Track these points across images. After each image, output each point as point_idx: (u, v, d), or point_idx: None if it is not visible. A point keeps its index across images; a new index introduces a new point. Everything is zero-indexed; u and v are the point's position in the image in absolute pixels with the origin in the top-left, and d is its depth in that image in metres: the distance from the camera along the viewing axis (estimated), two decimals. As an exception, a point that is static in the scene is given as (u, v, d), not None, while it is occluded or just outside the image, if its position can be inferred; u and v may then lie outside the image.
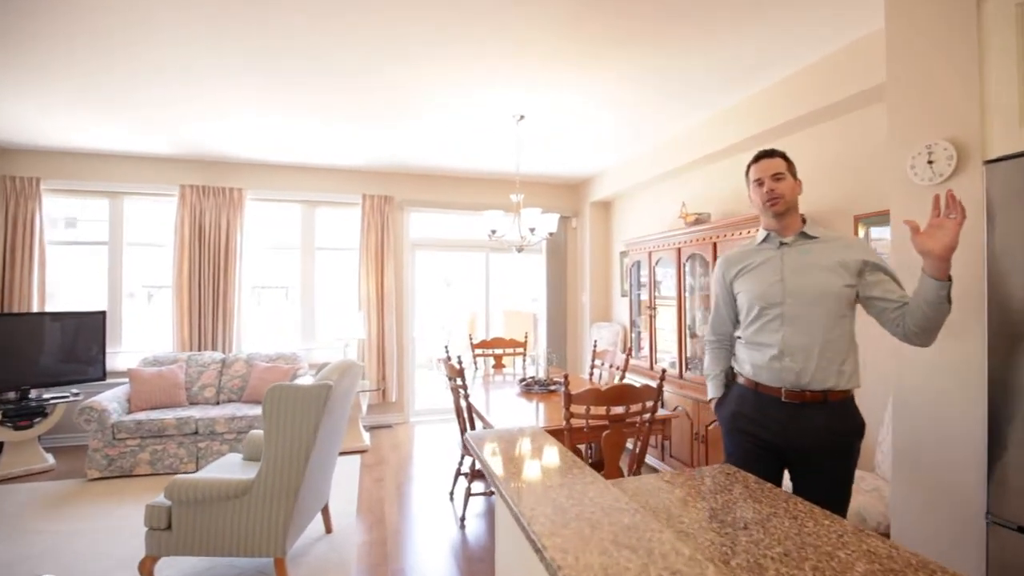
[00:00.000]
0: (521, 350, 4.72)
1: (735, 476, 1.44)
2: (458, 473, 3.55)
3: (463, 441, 3.30)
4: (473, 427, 3.15)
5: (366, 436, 4.77)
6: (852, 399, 1.72)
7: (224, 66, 3.01)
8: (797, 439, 1.69)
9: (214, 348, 4.99)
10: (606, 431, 2.37)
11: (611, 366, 3.78)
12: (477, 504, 3.46)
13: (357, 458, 4.41)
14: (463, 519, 3.19)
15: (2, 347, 4.14)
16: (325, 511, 3.00)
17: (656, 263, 4.34)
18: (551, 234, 3.81)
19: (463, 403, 3.18)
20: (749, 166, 1.86)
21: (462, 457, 3.52)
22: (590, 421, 2.39)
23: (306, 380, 4.60)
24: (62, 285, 5.03)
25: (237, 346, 5.05)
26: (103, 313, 4.56)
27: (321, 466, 2.63)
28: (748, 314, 1.84)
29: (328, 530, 3.02)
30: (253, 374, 4.60)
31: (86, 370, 4.49)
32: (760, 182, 1.80)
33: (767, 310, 1.77)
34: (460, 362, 3.04)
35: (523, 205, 3.81)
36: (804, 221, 1.81)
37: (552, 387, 3.41)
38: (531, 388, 3.42)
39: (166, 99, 3.52)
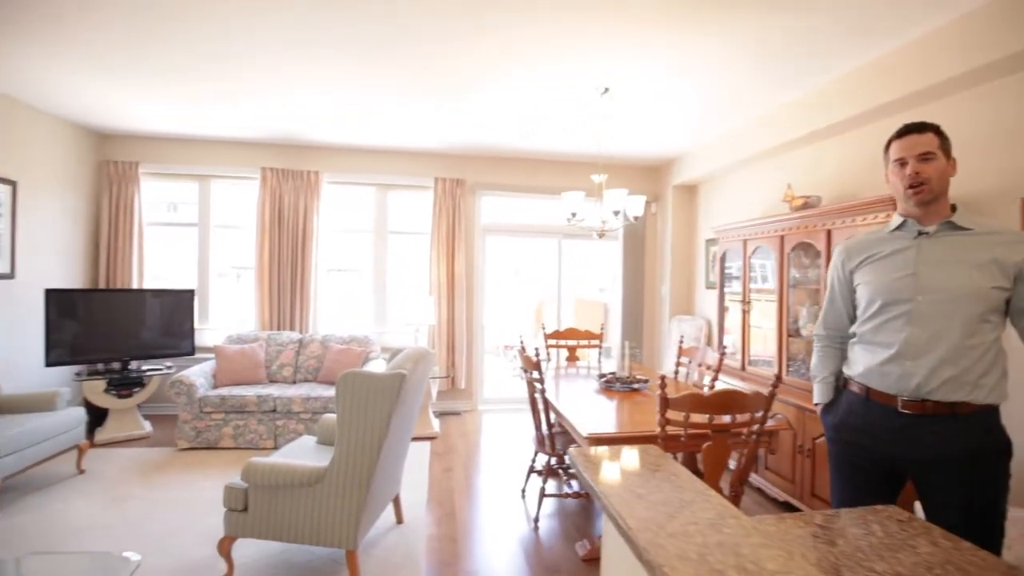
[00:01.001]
0: (596, 342, 4.45)
1: (913, 526, 1.12)
2: (531, 470, 3.37)
3: (538, 438, 3.11)
4: (549, 424, 2.94)
5: (435, 423, 4.72)
6: (994, 412, 1.44)
7: (298, 38, 2.93)
8: (916, 451, 1.46)
9: (292, 328, 5.11)
10: (707, 443, 2.08)
11: (700, 365, 3.44)
12: (549, 503, 3.26)
13: (427, 445, 4.35)
14: (537, 520, 3.01)
15: (110, 321, 4.43)
16: (396, 501, 2.92)
17: (752, 252, 3.90)
18: (636, 218, 3.50)
19: (539, 398, 2.97)
20: (890, 142, 1.57)
21: (536, 454, 3.33)
22: (688, 430, 2.10)
23: (378, 364, 4.59)
24: (159, 264, 5.33)
25: (313, 327, 5.15)
26: (192, 291, 4.78)
27: (394, 456, 2.53)
28: (868, 309, 1.60)
29: (399, 520, 2.95)
30: (328, 355, 4.66)
31: (178, 344, 4.73)
32: (902, 162, 1.51)
33: (891, 306, 1.52)
34: (537, 354, 2.83)
35: (603, 187, 3.53)
36: (954, 209, 1.51)
37: (636, 385, 3.13)
38: (612, 385, 3.16)
39: (249, 80, 3.53)
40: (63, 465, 3.65)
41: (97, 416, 4.45)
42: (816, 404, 1.82)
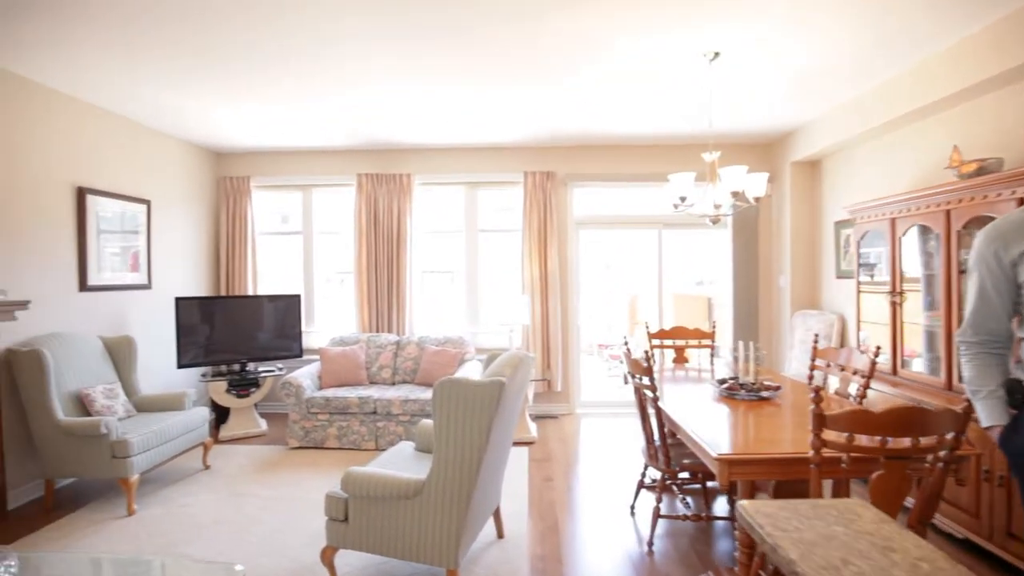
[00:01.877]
0: (708, 342, 4.00)
1: None
2: (641, 485, 3.05)
3: (648, 451, 2.79)
4: (663, 436, 2.61)
5: (533, 427, 4.53)
6: None
7: (388, 32, 2.85)
8: None
9: (389, 330, 5.19)
10: (877, 471, 1.65)
11: (843, 369, 2.90)
12: (663, 522, 2.92)
13: (525, 451, 4.17)
14: (651, 543, 2.69)
15: (230, 325, 4.75)
16: (496, 514, 2.75)
17: (903, 233, 3.26)
18: (756, 199, 3.03)
19: (650, 407, 2.65)
20: None
21: (645, 467, 3.01)
22: (851, 454, 1.69)
23: (473, 366, 4.49)
24: (270, 271, 5.67)
25: (409, 329, 5.19)
26: (299, 296, 5.00)
27: (494, 467, 2.36)
28: None
29: (500, 535, 2.78)
30: (424, 357, 4.65)
31: (289, 347, 4.97)
32: None
33: None
34: (648, 358, 2.52)
35: (703, 167, 3.10)
36: None
37: (764, 394, 2.69)
38: (735, 393, 2.75)
39: (342, 78, 3.56)
40: (192, 461, 3.94)
41: (221, 414, 4.81)
42: (987, 428, 1.52)
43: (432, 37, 2.85)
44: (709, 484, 3.17)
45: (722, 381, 2.92)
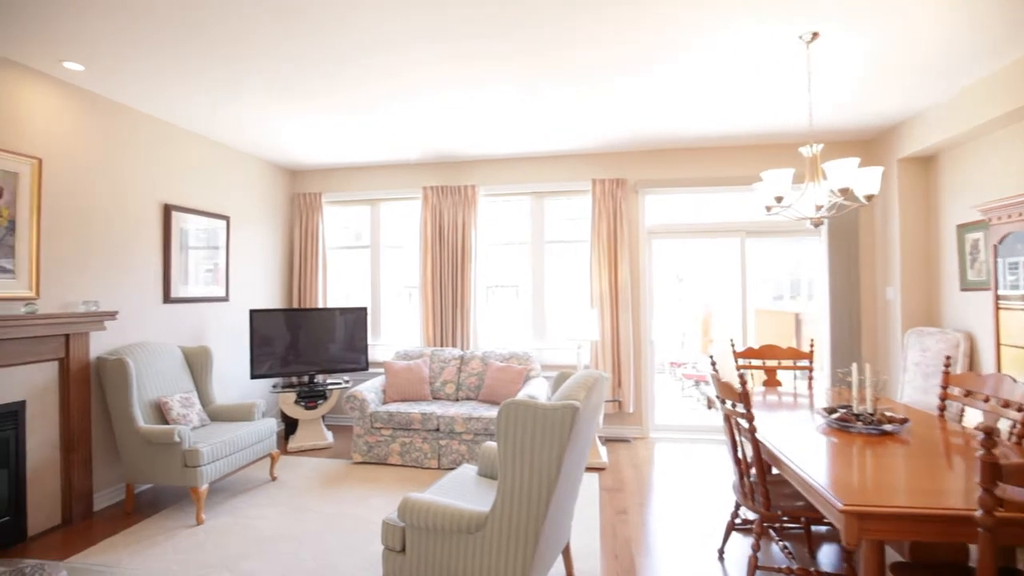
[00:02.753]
0: (805, 363, 3.53)
1: None
2: (731, 527, 2.67)
3: (741, 488, 2.42)
4: (762, 472, 2.24)
5: (603, 451, 4.20)
6: None
7: (444, 29, 2.74)
8: None
9: (453, 344, 5.08)
10: (1080, 540, 1.24)
11: (987, 399, 2.39)
12: (758, 574, 2.52)
13: (595, 477, 3.86)
14: (747, 598, 2.31)
15: (301, 337, 4.83)
16: (566, 552, 2.48)
17: (1060, 235, 2.69)
18: (868, 198, 2.61)
19: (741, 437, 2.30)
20: None
21: (737, 506, 2.62)
22: (1038, 515, 1.29)
23: (539, 383, 4.26)
24: (340, 285, 5.76)
25: (473, 343, 5.05)
26: (365, 309, 5.01)
27: (565, 500, 2.10)
28: None
29: (569, 574, 2.50)
30: (488, 373, 4.47)
31: (356, 360, 4.98)
32: None
33: None
34: (743, 381, 2.17)
35: (795, 165, 2.70)
36: None
37: (888, 427, 2.25)
38: (848, 425, 2.33)
39: (410, 99, 3.51)
40: (260, 472, 3.97)
41: (290, 425, 4.88)
42: None
43: (495, 35, 2.71)
44: (814, 528, 2.72)
45: (830, 410, 2.50)
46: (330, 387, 4.79)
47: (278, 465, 3.99)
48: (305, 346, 4.83)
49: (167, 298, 3.99)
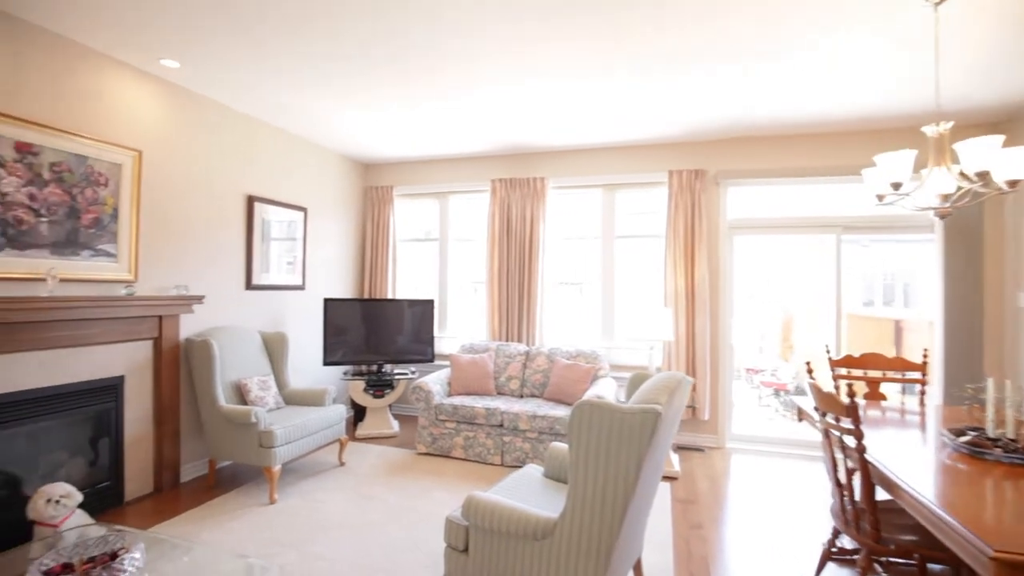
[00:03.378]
0: (917, 375, 3.11)
1: None
2: (827, 556, 2.37)
3: (841, 513, 2.13)
4: (871, 494, 1.95)
5: (675, 459, 3.95)
6: None
7: (518, 12, 2.62)
8: None
9: (519, 340, 4.99)
10: None
11: None
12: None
13: (666, 487, 3.62)
14: (848, 640, 2.03)
15: (371, 327, 4.92)
16: (638, 567, 2.30)
17: None
18: (1013, 184, 2.21)
19: (843, 456, 2.01)
20: None
21: (836, 533, 2.33)
22: None
23: (607, 383, 4.07)
24: (409, 277, 5.84)
25: (539, 339, 4.93)
26: (432, 301, 5.02)
27: (639, 511, 1.93)
28: None
29: (640, 591, 2.32)
30: (554, 370, 4.34)
31: (422, 351, 5.01)
32: None
33: None
34: (852, 394, 1.90)
35: (946, 140, 2.32)
36: None
37: (1038, 456, 1.89)
38: (983, 451, 1.97)
39: (483, 88, 3.44)
40: (330, 456, 4.08)
41: (358, 412, 4.99)
42: None
43: (574, 15, 2.56)
44: (930, 566, 2.36)
45: (957, 432, 2.15)
46: (397, 377, 4.85)
47: (346, 451, 4.08)
48: (374, 336, 4.92)
49: (249, 285, 4.17)
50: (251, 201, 4.19)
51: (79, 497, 2.61)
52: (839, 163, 4.26)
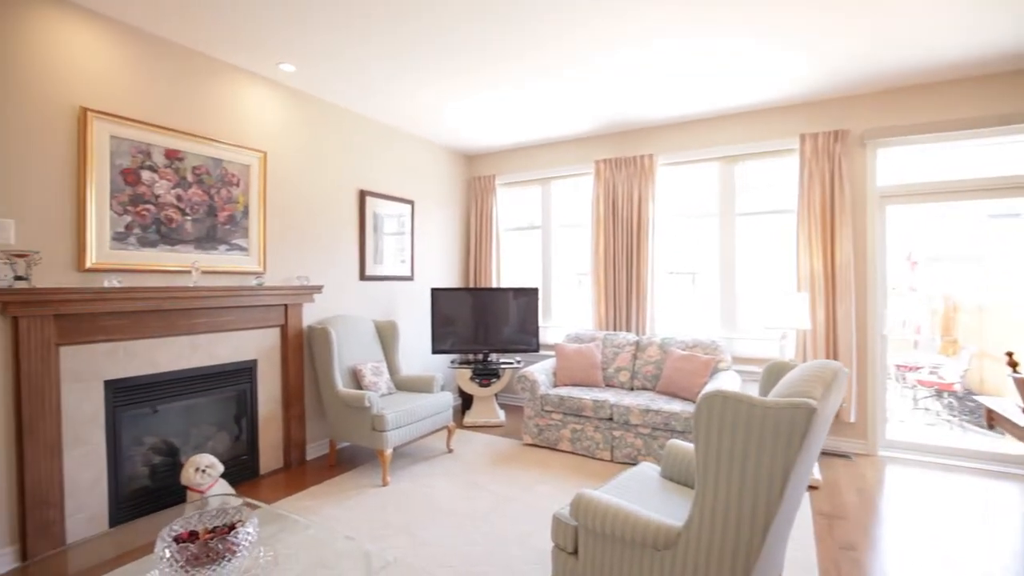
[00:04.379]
0: None
1: None
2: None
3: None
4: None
5: (815, 466, 3.43)
6: None
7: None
8: None
9: (628, 329, 4.70)
10: None
11: None
12: None
13: (806, 497, 3.15)
14: None
15: (477, 316, 4.94)
16: (777, 589, 1.97)
17: None
18: None
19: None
20: None
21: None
22: None
23: (729, 376, 3.66)
24: (511, 266, 5.79)
25: (650, 328, 4.60)
26: (536, 289, 4.91)
27: (781, 527, 1.63)
28: None
29: (781, 617, 1.98)
30: (668, 361, 4.00)
31: (527, 341, 4.92)
32: None
33: None
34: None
35: None
36: None
37: None
38: None
39: (592, 57, 3.22)
40: (438, 442, 4.14)
41: (466, 401, 5.05)
42: None
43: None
44: None
45: None
46: (503, 366, 4.81)
47: (454, 438, 4.12)
48: (480, 325, 4.93)
49: (362, 276, 4.37)
50: (363, 195, 4.37)
51: (221, 468, 2.87)
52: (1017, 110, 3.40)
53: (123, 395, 2.80)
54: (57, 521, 2.48)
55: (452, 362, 4.96)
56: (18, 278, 2.35)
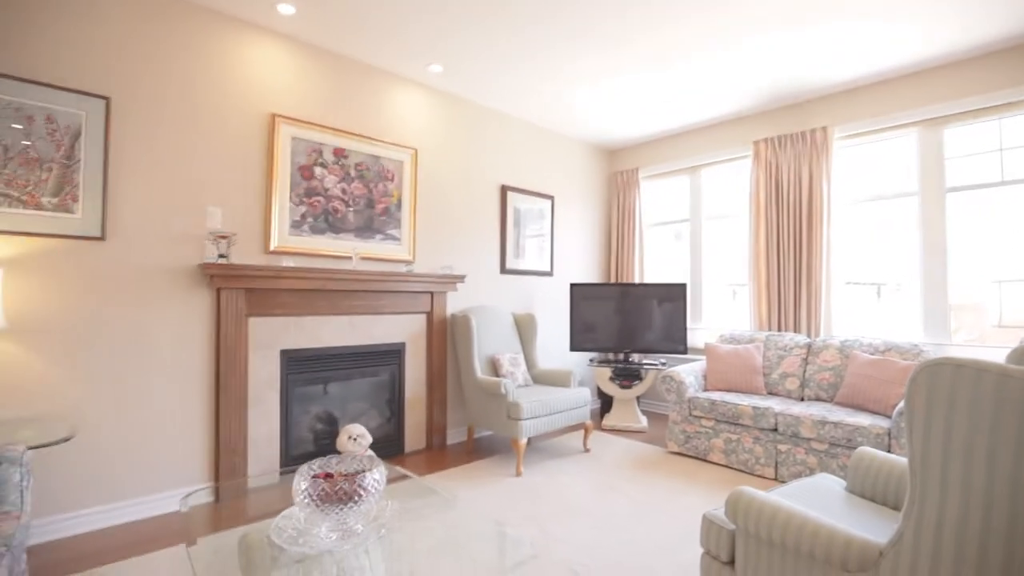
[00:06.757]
0: None
1: None
2: None
3: None
4: None
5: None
6: None
7: None
8: None
9: (796, 330, 4.05)
10: None
11: None
12: None
13: None
14: None
15: (618, 313, 4.69)
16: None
17: None
18: None
19: None
20: None
21: None
22: None
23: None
24: (656, 263, 5.42)
25: (826, 329, 3.90)
26: (684, 285, 4.50)
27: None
28: None
29: None
30: (850, 368, 3.33)
31: (673, 341, 4.52)
32: None
33: None
34: None
35: None
36: None
37: None
38: None
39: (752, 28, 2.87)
40: (575, 440, 3.97)
41: (605, 403, 4.80)
42: None
43: None
44: None
45: None
46: (645, 367, 4.48)
47: (591, 438, 3.92)
48: (622, 322, 4.67)
49: (503, 269, 4.43)
50: (504, 190, 4.45)
51: (370, 438, 3.06)
52: None
53: (294, 364, 3.15)
54: (241, 467, 2.85)
55: (591, 360, 4.76)
56: (221, 256, 2.77)
